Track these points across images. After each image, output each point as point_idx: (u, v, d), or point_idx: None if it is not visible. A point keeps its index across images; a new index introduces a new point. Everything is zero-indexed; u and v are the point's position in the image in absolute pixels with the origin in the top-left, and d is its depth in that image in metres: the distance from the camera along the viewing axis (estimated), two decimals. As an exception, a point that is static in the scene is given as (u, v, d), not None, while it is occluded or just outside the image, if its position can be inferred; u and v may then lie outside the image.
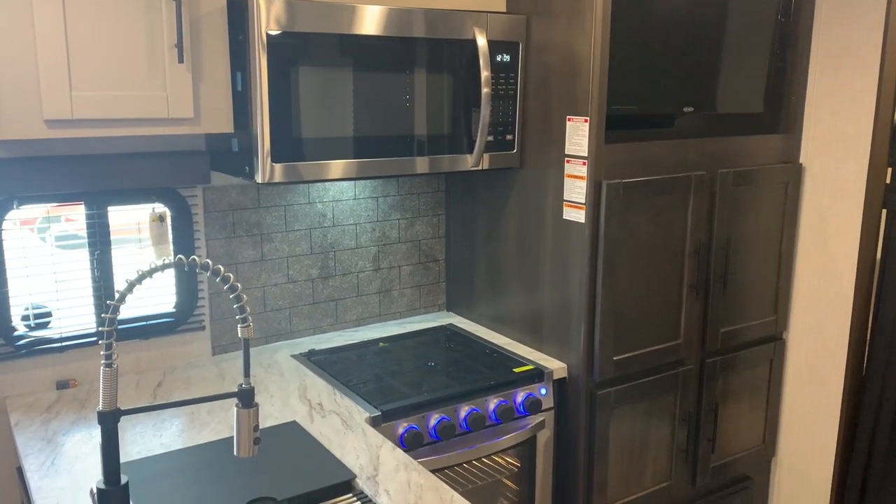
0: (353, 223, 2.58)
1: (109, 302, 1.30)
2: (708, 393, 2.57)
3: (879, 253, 2.53)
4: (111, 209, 2.15)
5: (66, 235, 2.15)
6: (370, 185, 2.59)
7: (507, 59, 2.24)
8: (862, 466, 2.60)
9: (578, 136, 2.15)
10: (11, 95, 1.68)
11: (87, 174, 2.01)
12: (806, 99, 2.59)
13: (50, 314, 2.12)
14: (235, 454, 1.41)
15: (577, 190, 2.18)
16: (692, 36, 2.33)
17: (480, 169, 2.27)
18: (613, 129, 2.23)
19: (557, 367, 2.30)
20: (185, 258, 1.33)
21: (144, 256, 2.24)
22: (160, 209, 2.21)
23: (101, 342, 2.17)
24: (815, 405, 2.69)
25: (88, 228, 2.13)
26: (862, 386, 2.61)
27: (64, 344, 2.12)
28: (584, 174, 2.15)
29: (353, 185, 2.56)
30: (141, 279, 1.30)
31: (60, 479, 1.64)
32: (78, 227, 2.14)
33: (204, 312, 2.34)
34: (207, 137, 2.22)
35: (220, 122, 1.94)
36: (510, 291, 2.50)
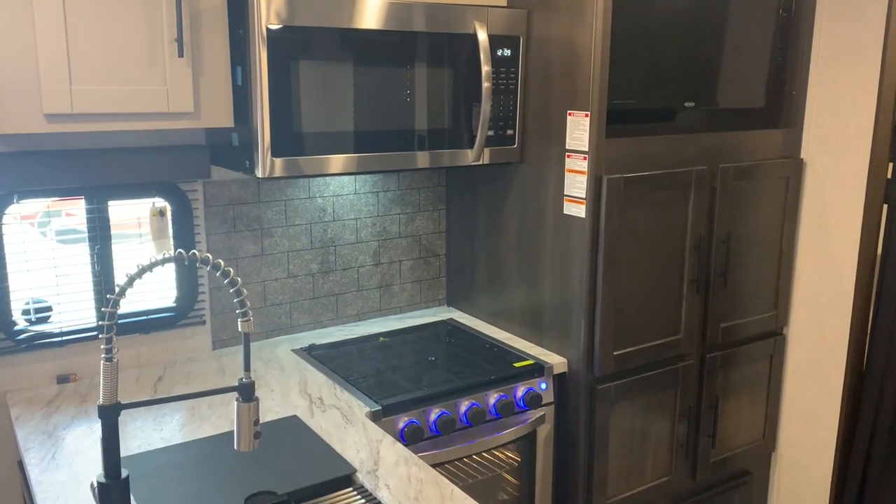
0: (353, 218, 2.58)
1: (109, 296, 1.30)
2: (708, 388, 2.57)
3: (880, 248, 2.53)
4: (111, 204, 2.15)
5: (66, 230, 2.15)
6: (370, 179, 2.59)
7: (507, 53, 2.24)
8: (862, 461, 2.60)
9: (579, 130, 2.15)
10: (11, 90, 1.68)
11: (87, 169, 2.01)
12: (807, 94, 2.59)
13: (50, 308, 2.12)
14: (236, 448, 1.41)
15: (577, 185, 2.18)
16: (693, 30, 2.33)
17: (481, 164, 2.27)
18: (614, 123, 2.23)
19: (558, 361, 2.30)
20: (185, 252, 1.33)
21: (145, 251, 2.24)
22: (160, 204, 2.21)
23: (101, 336, 2.16)
24: (815, 400, 2.69)
25: (89, 223, 2.13)
26: (862, 381, 2.61)
27: (64, 338, 2.12)
28: (584, 169, 2.15)
29: (353, 179, 2.55)
30: (141, 273, 1.30)
31: (61, 472, 1.64)
32: (78, 221, 2.14)
33: (204, 307, 2.34)
34: (207, 132, 2.21)
35: (220, 116, 1.94)
36: (510, 286, 2.50)
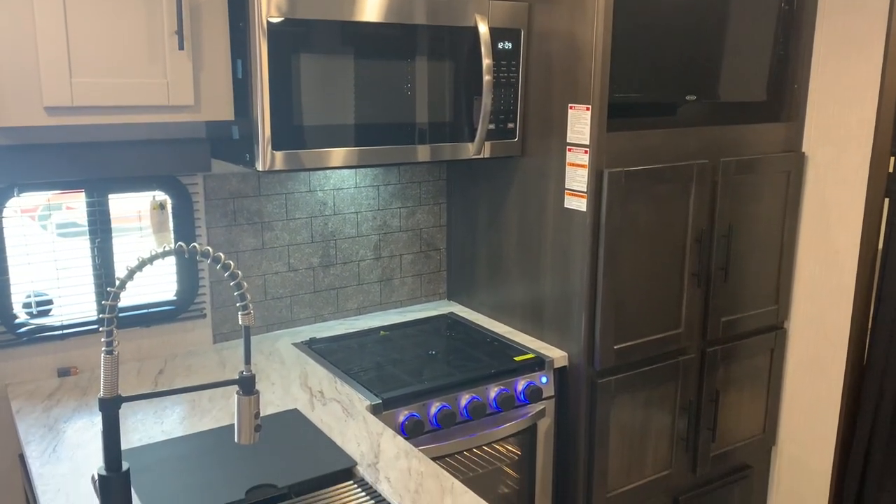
0: (353, 211, 2.57)
1: (110, 289, 1.30)
2: (709, 382, 2.58)
3: (881, 242, 2.52)
4: (112, 197, 2.15)
5: (66, 223, 2.14)
6: (371, 173, 2.59)
7: (508, 46, 2.23)
8: (862, 456, 2.61)
9: (580, 124, 2.14)
10: (11, 83, 1.67)
11: (87, 162, 2.01)
12: (809, 87, 2.58)
13: (51, 302, 2.12)
14: (236, 441, 1.41)
15: (578, 178, 2.18)
16: (695, 23, 2.32)
17: (482, 157, 2.26)
18: (615, 117, 2.22)
19: (558, 355, 2.30)
20: (185, 246, 1.33)
21: (145, 244, 2.23)
22: (161, 197, 2.21)
23: (102, 329, 2.17)
24: (815, 394, 2.69)
25: (89, 216, 2.13)
26: (862, 375, 2.61)
27: (65, 331, 2.12)
28: (585, 162, 2.15)
29: (353, 173, 2.55)
30: (141, 266, 1.30)
31: (62, 465, 1.64)
32: (79, 215, 2.14)
33: (205, 300, 2.34)
34: (208, 125, 2.21)
35: (220, 109, 1.94)
36: (511, 280, 2.50)
